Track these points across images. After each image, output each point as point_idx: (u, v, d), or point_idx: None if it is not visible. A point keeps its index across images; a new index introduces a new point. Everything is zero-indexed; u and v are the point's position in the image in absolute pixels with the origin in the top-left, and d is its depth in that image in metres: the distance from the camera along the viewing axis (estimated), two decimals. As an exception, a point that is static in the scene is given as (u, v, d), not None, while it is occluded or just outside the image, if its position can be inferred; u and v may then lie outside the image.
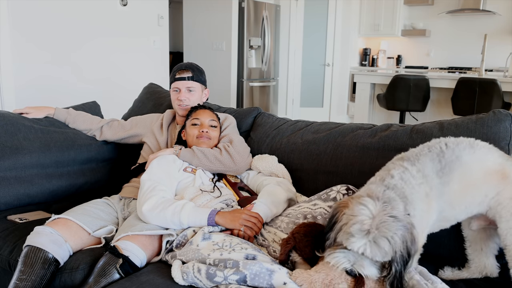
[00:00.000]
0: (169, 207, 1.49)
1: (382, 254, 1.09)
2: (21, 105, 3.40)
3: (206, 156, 1.74)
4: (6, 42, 3.37)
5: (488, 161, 1.26)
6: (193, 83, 1.98)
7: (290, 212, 1.59)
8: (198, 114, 1.85)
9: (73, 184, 2.02)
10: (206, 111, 1.88)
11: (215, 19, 5.82)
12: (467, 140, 1.30)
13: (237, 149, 1.79)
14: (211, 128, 1.84)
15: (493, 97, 4.38)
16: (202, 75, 2.05)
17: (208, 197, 1.62)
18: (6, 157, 1.82)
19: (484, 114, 1.58)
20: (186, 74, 1.97)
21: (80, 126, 2.13)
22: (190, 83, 1.97)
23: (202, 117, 1.84)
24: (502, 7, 6.00)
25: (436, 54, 6.71)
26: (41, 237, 1.43)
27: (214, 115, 1.90)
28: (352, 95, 6.71)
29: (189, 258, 1.33)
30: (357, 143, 1.75)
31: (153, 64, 4.60)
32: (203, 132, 1.80)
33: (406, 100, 5.00)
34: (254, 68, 6.13)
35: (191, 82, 1.97)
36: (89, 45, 3.99)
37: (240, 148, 1.81)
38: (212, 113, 1.89)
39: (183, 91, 1.96)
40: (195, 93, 1.99)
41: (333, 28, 6.66)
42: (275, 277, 1.19)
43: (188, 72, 1.97)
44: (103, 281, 1.31)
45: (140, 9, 4.39)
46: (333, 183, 1.72)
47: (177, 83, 1.97)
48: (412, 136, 1.65)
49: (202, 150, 1.75)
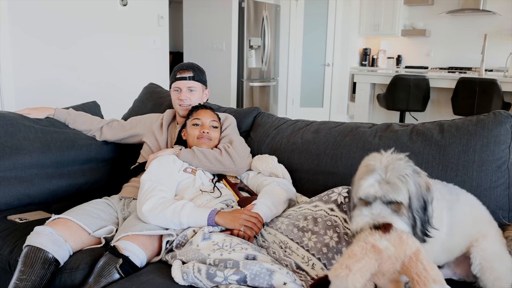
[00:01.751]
0: (169, 207, 1.49)
1: (395, 191, 1.08)
2: (21, 106, 3.40)
3: (206, 157, 1.74)
4: (6, 43, 3.37)
5: (481, 205, 1.35)
6: (194, 83, 1.97)
7: (290, 213, 1.59)
8: (199, 114, 1.85)
9: (73, 184, 2.02)
10: (207, 111, 1.87)
11: (215, 19, 5.81)
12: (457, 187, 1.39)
13: (237, 150, 1.79)
14: (212, 129, 1.84)
15: (493, 97, 4.38)
16: (203, 75, 2.04)
17: (208, 197, 1.62)
18: (6, 157, 1.82)
19: (485, 116, 1.57)
20: (187, 74, 1.96)
21: (80, 126, 2.13)
22: (191, 83, 1.96)
23: (203, 118, 1.83)
24: (502, 7, 6.00)
25: (436, 54, 6.71)
26: (41, 237, 1.43)
27: (215, 115, 1.89)
28: (352, 95, 6.71)
29: (189, 258, 1.33)
30: (357, 144, 1.75)
31: (153, 64, 4.60)
32: (204, 133, 1.80)
33: (406, 100, 5.00)
34: (254, 68, 6.13)
35: (192, 82, 1.97)
36: (89, 45, 3.99)
37: (240, 149, 1.81)
38: (213, 114, 1.88)
39: (184, 91, 1.96)
40: (196, 93, 1.98)
41: (333, 28, 6.66)
42: (275, 277, 1.19)
43: (189, 72, 1.97)
44: (103, 281, 1.31)
45: (140, 9, 4.39)
46: (333, 184, 1.72)
47: (178, 83, 1.97)
48: (412, 137, 1.65)
49: (202, 151, 1.75)
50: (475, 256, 1.23)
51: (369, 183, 1.11)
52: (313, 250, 1.42)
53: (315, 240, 1.44)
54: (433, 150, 1.59)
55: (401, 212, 1.11)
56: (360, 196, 1.14)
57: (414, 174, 1.12)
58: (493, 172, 1.50)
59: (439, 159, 1.56)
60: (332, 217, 1.49)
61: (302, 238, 1.46)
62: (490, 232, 1.29)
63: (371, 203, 1.13)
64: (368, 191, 1.11)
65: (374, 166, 1.12)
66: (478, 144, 1.52)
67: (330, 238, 1.43)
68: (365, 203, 1.15)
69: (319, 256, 1.40)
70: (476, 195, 1.49)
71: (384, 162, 1.12)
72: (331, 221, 1.48)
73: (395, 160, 1.13)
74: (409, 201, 1.10)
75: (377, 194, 1.10)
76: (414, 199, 1.10)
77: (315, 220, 1.49)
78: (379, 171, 1.11)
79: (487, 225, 1.31)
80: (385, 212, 1.11)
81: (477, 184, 1.50)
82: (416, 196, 1.11)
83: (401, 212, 1.11)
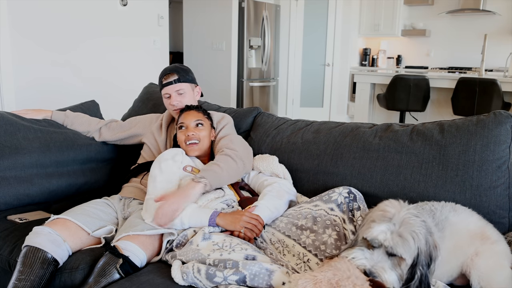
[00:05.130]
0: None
1: (405, 247, 1.07)
2: (21, 105, 3.41)
3: (230, 175, 1.67)
4: (6, 43, 3.37)
5: (470, 223, 1.33)
6: (181, 85, 1.93)
7: (290, 212, 1.59)
8: (183, 117, 1.81)
9: (73, 184, 2.02)
10: (190, 113, 1.82)
11: (215, 19, 5.81)
12: (450, 204, 1.38)
13: (244, 154, 1.77)
14: (198, 128, 1.78)
15: (493, 97, 4.38)
16: (188, 74, 1.99)
17: (209, 197, 1.61)
18: (5, 157, 1.82)
19: (485, 116, 1.57)
20: (172, 78, 1.92)
21: (78, 128, 2.12)
22: (178, 86, 1.92)
23: (187, 120, 1.79)
24: (502, 7, 6.00)
25: (436, 54, 6.71)
26: (39, 237, 1.43)
27: (201, 113, 1.83)
28: (352, 95, 6.71)
29: (189, 258, 1.33)
30: (357, 144, 1.74)
31: (153, 64, 4.60)
32: (189, 136, 1.75)
33: (406, 100, 5.00)
34: (254, 68, 6.13)
35: (179, 85, 1.92)
36: (89, 45, 3.99)
37: (245, 151, 1.79)
38: (196, 113, 1.82)
39: (173, 96, 1.92)
40: (186, 94, 1.94)
41: (333, 28, 6.66)
42: (274, 277, 1.19)
43: (174, 75, 1.92)
44: (103, 281, 1.31)
45: (140, 9, 4.39)
46: (333, 184, 1.72)
47: (166, 89, 1.93)
48: (413, 137, 1.65)
49: (222, 169, 1.64)
50: (473, 278, 1.23)
51: (381, 229, 1.09)
52: (309, 247, 1.42)
53: (313, 238, 1.44)
54: (433, 150, 1.59)
55: (400, 267, 1.10)
56: (367, 237, 1.12)
57: (427, 233, 1.11)
58: (493, 172, 1.50)
59: (439, 159, 1.56)
60: (332, 216, 1.49)
61: (300, 236, 1.47)
62: (482, 248, 1.28)
63: (374, 248, 1.12)
64: (378, 236, 1.09)
65: (392, 214, 1.10)
66: (478, 144, 1.52)
67: (328, 236, 1.43)
68: (368, 244, 1.14)
69: (316, 252, 1.40)
70: (476, 195, 1.50)
71: (402, 214, 1.10)
72: (331, 220, 1.48)
73: (413, 216, 1.11)
74: (415, 258, 1.09)
75: (385, 243, 1.08)
76: (422, 256, 1.09)
77: (315, 219, 1.49)
78: (395, 221, 1.09)
79: (478, 242, 1.29)
80: (385, 264, 1.09)
81: (477, 184, 1.50)
82: (425, 254, 1.10)
83: (400, 267, 1.10)
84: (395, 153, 1.65)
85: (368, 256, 1.10)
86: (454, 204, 1.39)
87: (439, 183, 1.54)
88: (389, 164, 1.64)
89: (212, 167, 1.62)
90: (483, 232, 1.32)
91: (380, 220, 1.10)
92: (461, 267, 1.28)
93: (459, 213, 1.35)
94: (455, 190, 1.52)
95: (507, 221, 1.50)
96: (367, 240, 1.13)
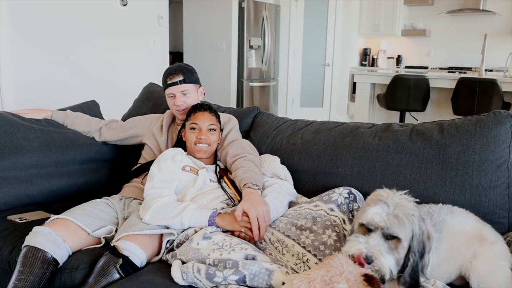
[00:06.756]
0: (171, 209, 1.50)
1: (400, 226, 1.07)
2: (21, 105, 3.41)
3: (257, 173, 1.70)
4: (6, 42, 3.37)
5: (467, 225, 1.33)
6: (186, 86, 1.92)
7: (290, 212, 1.59)
8: (197, 118, 1.80)
9: (73, 184, 2.02)
10: (205, 114, 1.81)
11: (215, 19, 5.82)
12: (447, 206, 1.39)
13: (257, 159, 1.79)
14: (210, 132, 1.79)
15: (493, 97, 4.38)
16: (193, 74, 1.98)
17: (209, 197, 1.61)
18: (5, 157, 1.82)
19: (485, 115, 1.57)
20: (178, 78, 1.91)
21: (78, 128, 2.12)
22: (183, 87, 1.91)
23: (201, 122, 1.78)
24: (502, 7, 6.00)
25: (436, 54, 6.71)
26: (39, 237, 1.43)
27: (214, 117, 1.83)
28: (352, 95, 6.71)
29: (189, 258, 1.33)
30: (357, 144, 1.74)
31: (153, 64, 4.60)
32: (201, 139, 1.76)
33: (406, 100, 5.00)
34: (254, 68, 6.13)
35: (184, 86, 1.91)
36: (89, 45, 3.99)
37: (257, 157, 1.81)
38: (211, 116, 1.82)
39: (178, 96, 1.91)
40: (191, 95, 1.94)
41: (333, 28, 6.66)
42: (274, 277, 1.19)
43: (179, 76, 1.91)
44: (103, 281, 1.31)
45: (140, 9, 4.39)
46: (333, 184, 1.72)
47: (171, 89, 1.92)
48: (412, 137, 1.65)
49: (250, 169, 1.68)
50: (473, 280, 1.23)
51: (376, 211, 1.10)
52: (309, 247, 1.42)
53: (313, 238, 1.44)
54: (433, 150, 1.59)
55: (397, 250, 1.11)
56: (363, 221, 1.12)
57: (420, 218, 1.12)
58: (493, 171, 1.50)
59: (439, 159, 1.56)
60: (332, 217, 1.49)
61: (299, 236, 1.47)
62: (480, 249, 1.28)
63: (371, 232, 1.12)
64: (373, 218, 1.09)
65: (385, 198, 1.12)
66: (478, 144, 1.52)
67: (328, 237, 1.43)
68: (364, 231, 1.15)
69: (315, 253, 1.40)
70: (476, 195, 1.50)
71: (395, 199, 1.12)
72: (330, 220, 1.48)
73: (406, 201, 1.13)
74: (410, 242, 1.09)
75: (381, 224, 1.09)
76: (415, 241, 1.09)
77: (314, 219, 1.49)
78: (389, 204, 1.11)
79: (476, 244, 1.30)
80: (382, 247, 1.09)
81: (477, 184, 1.50)
82: (418, 239, 1.10)
83: (397, 250, 1.11)
84: (394, 153, 1.65)
85: (364, 241, 1.11)
86: (452, 206, 1.39)
87: (439, 183, 1.54)
88: (388, 164, 1.64)
89: (253, 174, 1.65)
90: (481, 233, 1.32)
91: (375, 203, 1.11)
92: (460, 269, 1.28)
93: (456, 215, 1.35)
94: (455, 190, 1.52)
95: (507, 221, 1.50)
96: (364, 226, 1.14)
